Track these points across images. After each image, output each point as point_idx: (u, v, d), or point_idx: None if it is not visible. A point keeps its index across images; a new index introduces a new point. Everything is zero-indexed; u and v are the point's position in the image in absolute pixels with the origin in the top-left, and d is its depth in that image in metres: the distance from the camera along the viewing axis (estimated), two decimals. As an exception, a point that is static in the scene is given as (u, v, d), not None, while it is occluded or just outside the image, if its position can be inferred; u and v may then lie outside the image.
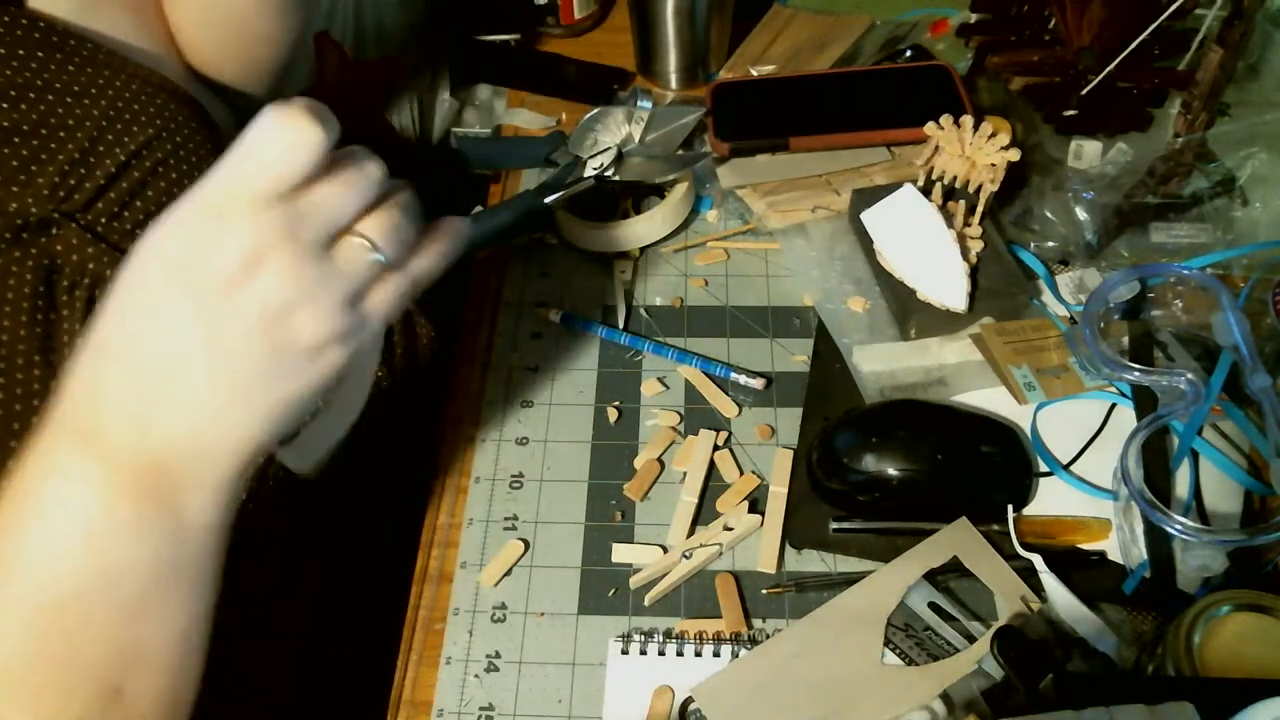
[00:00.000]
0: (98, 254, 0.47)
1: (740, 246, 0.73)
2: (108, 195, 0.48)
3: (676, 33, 0.82)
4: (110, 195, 0.48)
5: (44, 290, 0.45)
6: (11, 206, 0.44)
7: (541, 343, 0.68)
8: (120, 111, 0.49)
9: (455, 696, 0.52)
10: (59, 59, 0.48)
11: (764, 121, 0.76)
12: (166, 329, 0.33)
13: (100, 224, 0.47)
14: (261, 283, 0.32)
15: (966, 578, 0.53)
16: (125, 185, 0.48)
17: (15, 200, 0.45)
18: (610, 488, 0.60)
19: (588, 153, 0.73)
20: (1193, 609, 0.45)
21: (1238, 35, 0.61)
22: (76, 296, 0.46)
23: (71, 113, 0.47)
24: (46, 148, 0.46)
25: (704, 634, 0.53)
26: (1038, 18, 0.73)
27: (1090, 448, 0.59)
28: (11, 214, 0.44)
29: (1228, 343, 0.57)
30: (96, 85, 0.49)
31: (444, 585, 0.56)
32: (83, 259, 0.46)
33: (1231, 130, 0.67)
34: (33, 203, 0.45)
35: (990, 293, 0.63)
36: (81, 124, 0.47)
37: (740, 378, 0.64)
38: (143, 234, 0.36)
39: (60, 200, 0.46)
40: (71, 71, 0.48)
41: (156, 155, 0.50)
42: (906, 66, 0.80)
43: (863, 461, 0.55)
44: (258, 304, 0.32)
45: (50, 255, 0.45)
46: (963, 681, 0.49)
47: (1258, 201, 0.65)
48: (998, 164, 0.62)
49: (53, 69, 0.47)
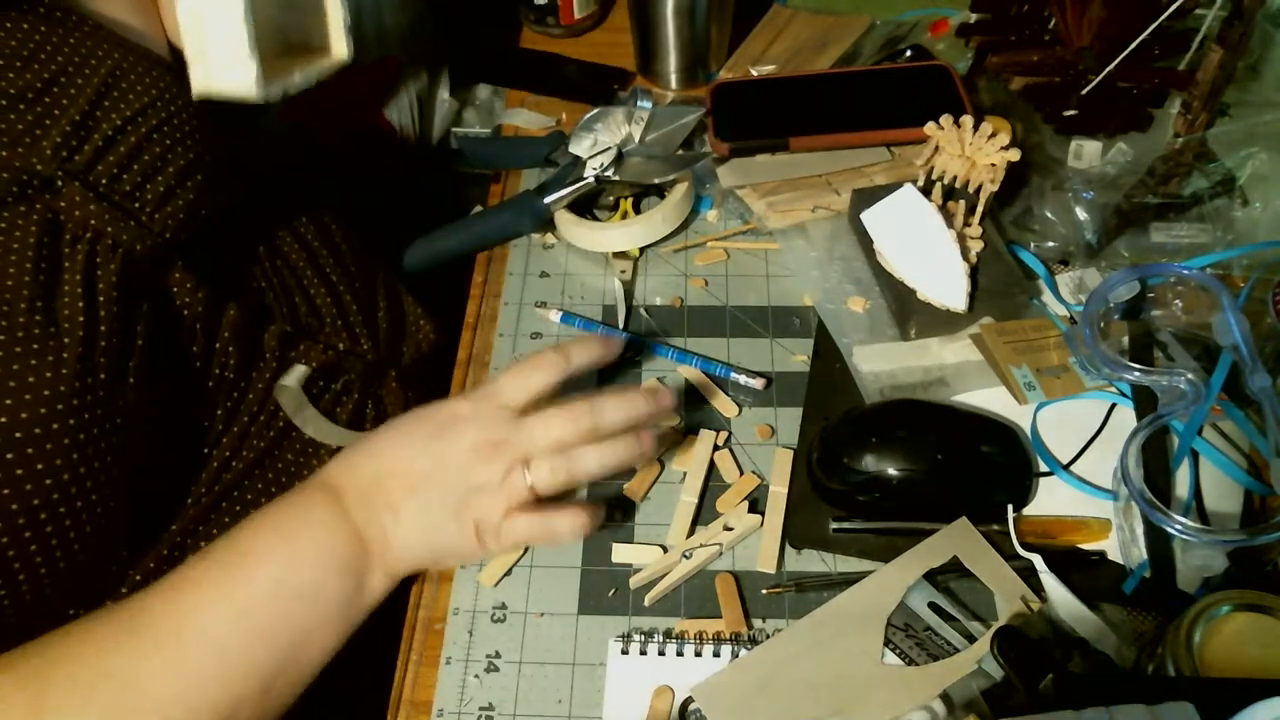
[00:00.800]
0: (99, 211, 0.49)
1: (740, 246, 0.73)
2: (107, 157, 0.50)
3: (676, 33, 0.82)
4: (110, 157, 0.50)
5: (47, 243, 0.47)
6: (18, 164, 0.47)
7: (541, 343, 0.68)
8: (118, 79, 0.51)
9: (455, 696, 0.52)
10: (60, 31, 0.51)
11: (764, 121, 0.76)
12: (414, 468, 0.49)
13: (102, 184, 0.50)
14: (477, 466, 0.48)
15: (966, 578, 0.53)
16: (123, 148, 0.51)
17: (20, 160, 0.47)
18: (610, 488, 0.59)
19: (588, 153, 0.73)
20: (1193, 609, 0.45)
21: (1238, 35, 0.61)
22: (78, 250, 0.48)
23: (74, 80, 0.50)
24: (51, 113, 0.49)
25: (704, 634, 0.53)
26: (1038, 18, 0.73)
27: (1090, 448, 0.59)
28: (18, 170, 0.47)
29: (1228, 343, 0.57)
30: (96, 55, 0.51)
31: (444, 585, 0.56)
32: (85, 215, 0.49)
33: (1231, 130, 0.67)
34: (38, 162, 0.48)
35: (990, 293, 0.63)
36: (83, 90, 0.50)
37: (740, 378, 0.64)
38: (142, 194, 0.50)
39: (63, 160, 0.49)
40: (73, 43, 0.51)
41: (151, 121, 0.52)
42: (906, 66, 0.80)
43: (863, 461, 0.55)
44: (467, 480, 0.48)
45: (55, 211, 0.48)
46: (963, 681, 0.49)
47: (1258, 201, 0.65)
48: (998, 164, 0.62)
49: (55, 40, 0.50)
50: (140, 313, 0.49)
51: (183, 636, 0.42)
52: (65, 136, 0.49)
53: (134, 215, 0.50)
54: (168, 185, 0.52)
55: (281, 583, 0.45)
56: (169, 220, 0.52)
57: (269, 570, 0.45)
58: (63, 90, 0.49)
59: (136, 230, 0.50)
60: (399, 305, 0.70)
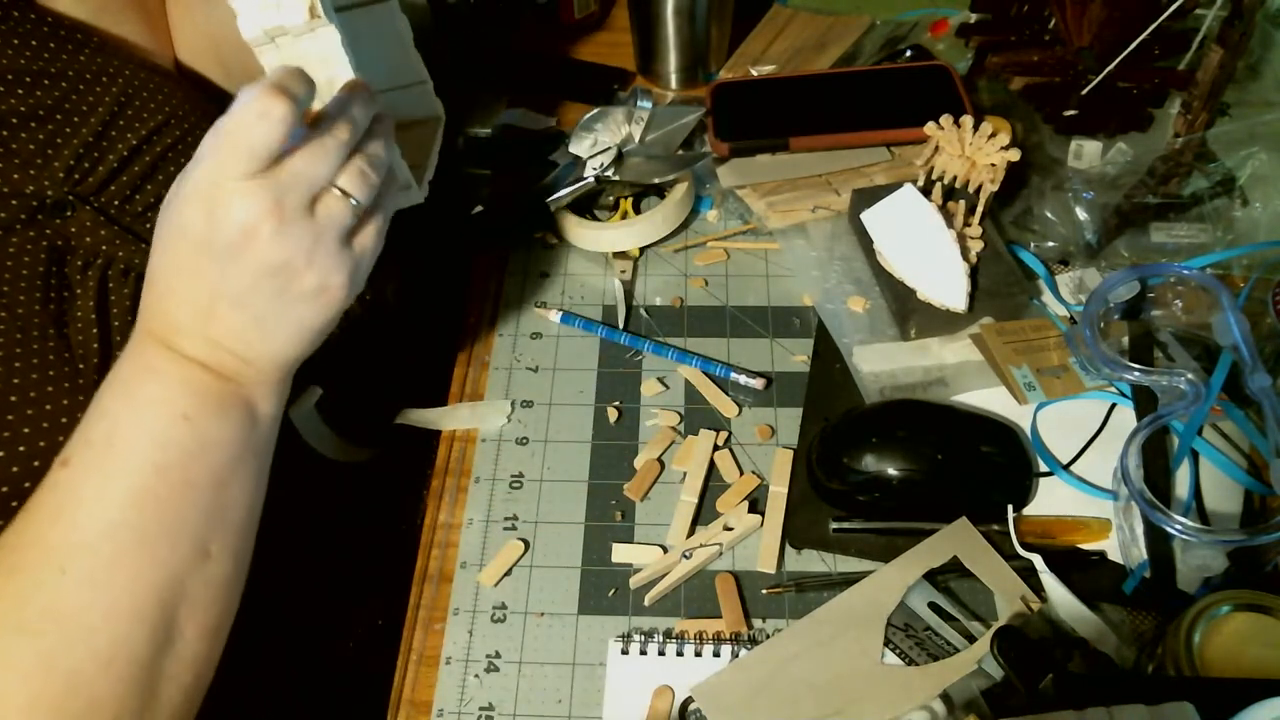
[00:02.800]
0: (109, 236, 0.48)
1: (740, 246, 0.73)
2: (120, 179, 0.49)
3: (676, 33, 0.82)
4: (122, 179, 0.49)
5: (55, 270, 0.46)
6: (29, 189, 0.46)
7: (541, 343, 0.68)
8: (130, 98, 0.50)
9: (455, 696, 0.52)
10: (70, 49, 0.50)
11: (764, 121, 0.76)
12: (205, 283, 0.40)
13: (113, 207, 0.49)
14: (258, 248, 0.39)
15: (966, 578, 0.53)
16: (136, 170, 0.50)
17: (32, 183, 0.46)
18: (610, 488, 0.60)
19: (588, 153, 0.73)
20: (1193, 609, 0.45)
21: (1238, 35, 0.61)
22: (89, 276, 0.47)
23: (85, 99, 0.49)
24: (62, 132, 0.48)
25: (704, 634, 0.53)
26: (1038, 18, 0.73)
27: (1090, 448, 0.59)
28: (28, 195, 0.46)
29: (1228, 343, 0.57)
30: (107, 73, 0.50)
31: (444, 585, 0.56)
32: (95, 240, 0.48)
33: (1231, 130, 0.67)
34: (48, 185, 0.47)
35: (990, 293, 0.63)
36: (95, 110, 0.49)
37: (740, 378, 0.64)
38: (153, 217, 0.43)
39: (75, 183, 0.48)
40: (83, 60, 0.50)
41: (165, 141, 0.51)
42: (906, 66, 0.80)
43: (863, 461, 0.55)
44: (259, 264, 0.40)
45: (65, 236, 0.47)
46: (963, 681, 0.49)
47: (1258, 201, 0.65)
48: (998, 164, 0.62)
49: (65, 58, 0.49)
50: None
51: (87, 550, 0.39)
52: (77, 159, 0.48)
53: (145, 238, 0.49)
54: None
55: (164, 453, 0.40)
56: None
57: (144, 451, 0.40)
58: (74, 109, 0.48)
59: (147, 253, 0.49)
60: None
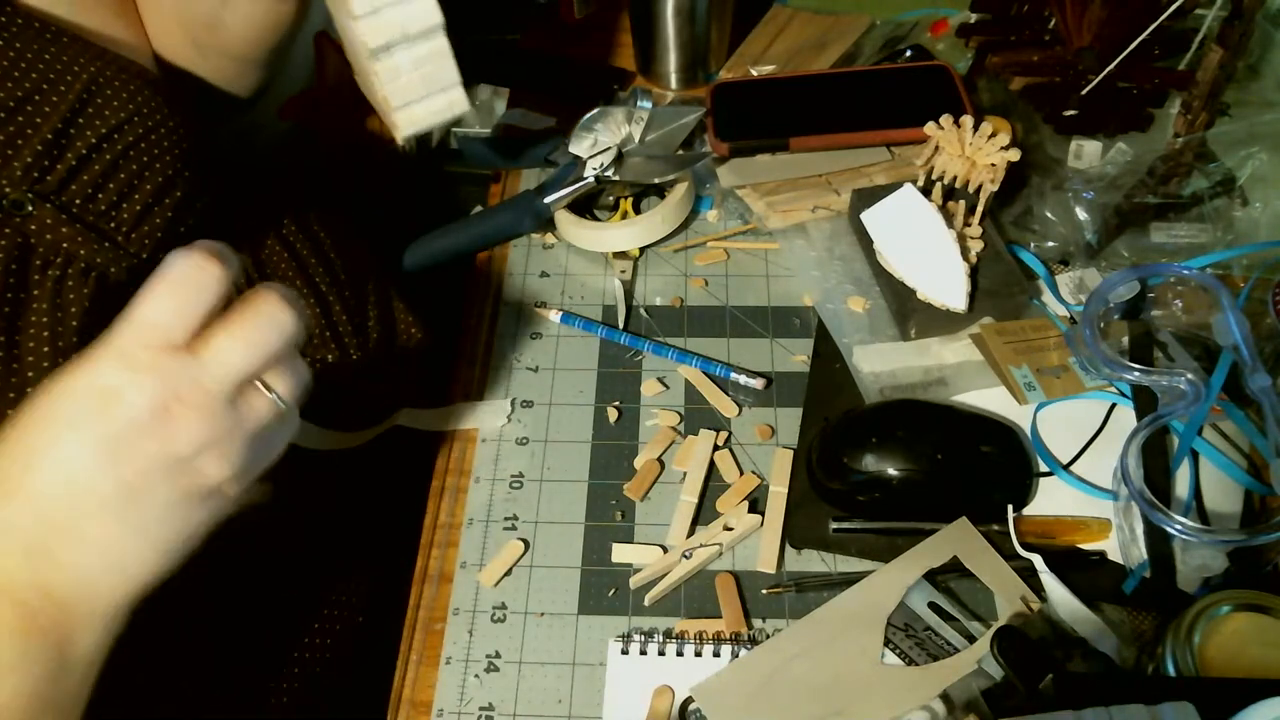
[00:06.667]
0: (71, 234, 0.47)
1: (740, 246, 0.73)
2: (81, 177, 0.48)
3: (676, 33, 0.82)
4: (84, 177, 0.49)
5: (15, 269, 0.45)
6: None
7: (541, 343, 0.68)
8: (94, 93, 0.49)
9: (455, 696, 0.52)
10: (35, 46, 0.48)
11: (764, 121, 0.76)
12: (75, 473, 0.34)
13: (75, 205, 0.48)
14: (170, 432, 0.35)
15: (966, 578, 0.53)
16: (98, 167, 0.49)
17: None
18: (610, 488, 0.60)
19: (588, 153, 0.73)
20: (1193, 609, 0.45)
21: (1238, 35, 0.61)
22: (49, 275, 0.46)
23: (48, 97, 0.48)
24: (23, 131, 0.47)
25: (704, 634, 0.53)
26: (1038, 18, 0.73)
27: (1090, 448, 0.59)
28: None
29: (1228, 343, 0.57)
30: (72, 70, 0.49)
31: (444, 585, 0.56)
32: (57, 239, 0.47)
33: (1231, 130, 0.67)
34: (7, 184, 0.46)
35: (990, 293, 0.63)
36: (56, 107, 0.48)
37: (740, 378, 0.64)
38: (117, 215, 0.41)
39: (34, 181, 0.47)
40: (48, 58, 0.49)
41: (129, 138, 0.50)
42: (906, 66, 0.80)
43: (863, 461, 0.55)
44: (167, 453, 0.35)
45: (24, 234, 0.46)
46: (963, 681, 0.49)
47: (1258, 201, 0.65)
48: (998, 164, 0.62)
49: (29, 55, 0.48)
50: None
51: None
52: (37, 156, 0.47)
53: (109, 236, 0.49)
54: (144, 203, 0.50)
55: None
56: (146, 240, 0.50)
57: None
58: (36, 108, 0.47)
59: (111, 251, 0.49)
60: (389, 313, 0.68)
